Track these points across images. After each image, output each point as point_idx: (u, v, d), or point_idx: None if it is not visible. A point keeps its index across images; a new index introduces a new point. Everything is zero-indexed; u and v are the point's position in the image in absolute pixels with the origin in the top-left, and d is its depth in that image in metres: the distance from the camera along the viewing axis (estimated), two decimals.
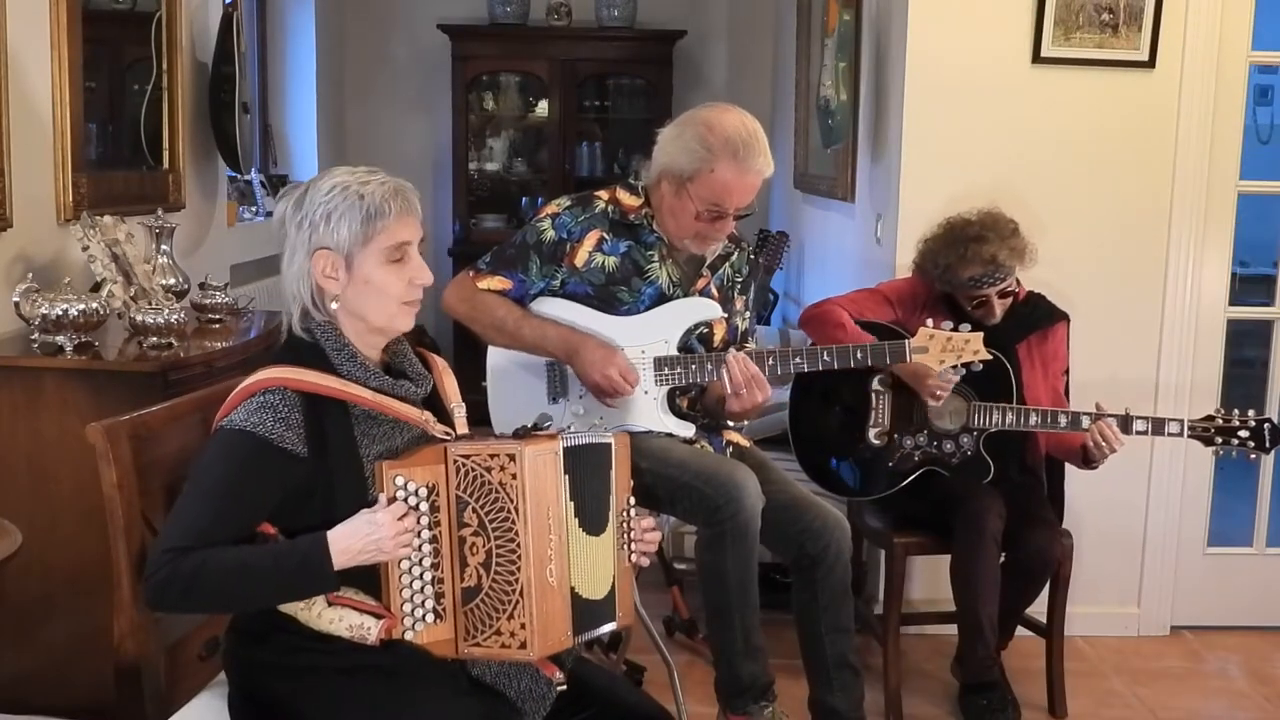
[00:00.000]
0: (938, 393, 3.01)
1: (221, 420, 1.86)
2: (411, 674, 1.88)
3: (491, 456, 1.86)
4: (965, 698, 3.24)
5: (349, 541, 1.81)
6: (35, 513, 2.68)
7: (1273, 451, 3.12)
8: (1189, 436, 3.10)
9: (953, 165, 3.64)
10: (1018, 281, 3.26)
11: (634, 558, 2.05)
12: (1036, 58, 3.63)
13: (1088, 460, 3.18)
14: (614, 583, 2.00)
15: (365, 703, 1.86)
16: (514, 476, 1.85)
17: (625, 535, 2.03)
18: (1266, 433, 3.07)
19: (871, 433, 3.22)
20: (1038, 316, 3.33)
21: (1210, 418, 3.12)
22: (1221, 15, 3.66)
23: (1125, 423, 3.09)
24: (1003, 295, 3.20)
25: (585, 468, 1.95)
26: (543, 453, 1.89)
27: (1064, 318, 3.37)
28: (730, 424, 3.01)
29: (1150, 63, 3.64)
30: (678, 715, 2.98)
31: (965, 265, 3.14)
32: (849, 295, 3.37)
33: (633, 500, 2.06)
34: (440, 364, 2.11)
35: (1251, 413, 3.12)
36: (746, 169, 2.68)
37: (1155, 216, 3.74)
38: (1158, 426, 3.10)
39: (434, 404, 2.03)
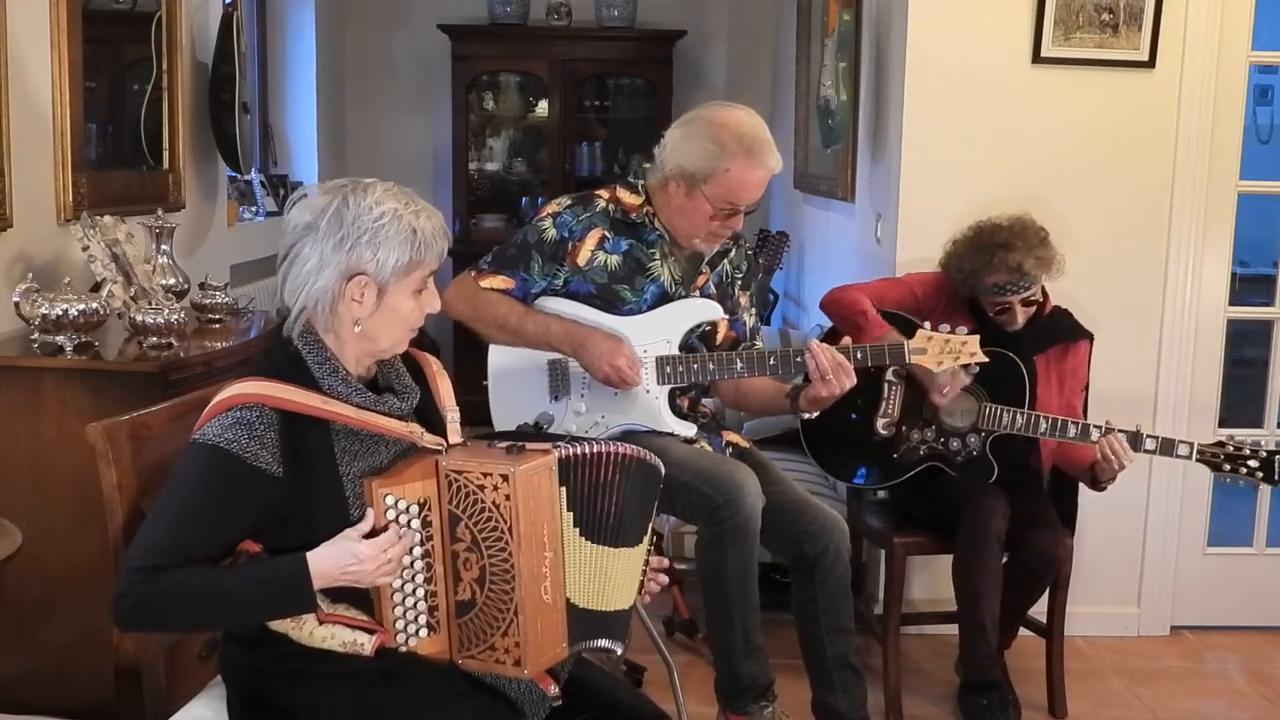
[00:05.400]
0: (945, 390, 3.01)
1: (195, 433, 1.81)
2: (409, 676, 1.87)
3: (484, 475, 1.81)
4: (965, 697, 3.23)
5: (328, 567, 1.78)
6: (35, 513, 2.68)
7: None
8: (1197, 460, 3.08)
9: (953, 165, 3.64)
10: (1045, 293, 3.24)
11: (645, 597, 2.05)
12: (1036, 58, 3.63)
13: (1095, 480, 3.17)
14: (632, 604, 1.98)
15: (363, 705, 1.85)
16: (507, 498, 1.80)
17: (646, 566, 2.02)
18: (1277, 465, 3.04)
19: (880, 423, 3.15)
20: (1060, 331, 3.30)
21: (1221, 444, 3.10)
22: (1221, 15, 3.66)
23: (1135, 439, 3.07)
24: (1026, 304, 3.17)
25: (588, 478, 1.90)
26: (537, 469, 1.83)
27: (1088, 336, 3.35)
28: (726, 425, 3.01)
29: (1150, 63, 3.64)
30: (678, 715, 2.98)
31: (990, 271, 3.12)
32: (872, 284, 3.34)
33: (656, 537, 2.04)
34: (435, 366, 2.06)
35: (1263, 442, 3.09)
36: (759, 165, 2.71)
37: (1155, 216, 3.74)
38: (1167, 447, 3.08)
39: (426, 410, 1.98)
